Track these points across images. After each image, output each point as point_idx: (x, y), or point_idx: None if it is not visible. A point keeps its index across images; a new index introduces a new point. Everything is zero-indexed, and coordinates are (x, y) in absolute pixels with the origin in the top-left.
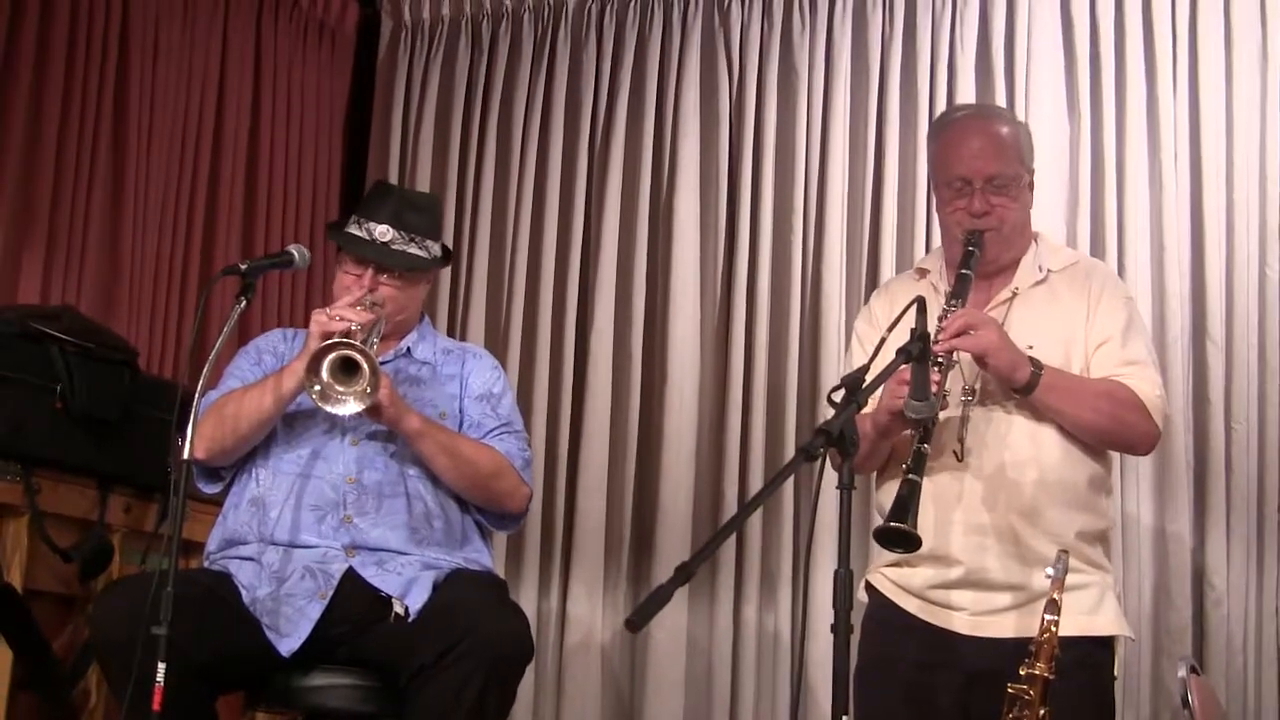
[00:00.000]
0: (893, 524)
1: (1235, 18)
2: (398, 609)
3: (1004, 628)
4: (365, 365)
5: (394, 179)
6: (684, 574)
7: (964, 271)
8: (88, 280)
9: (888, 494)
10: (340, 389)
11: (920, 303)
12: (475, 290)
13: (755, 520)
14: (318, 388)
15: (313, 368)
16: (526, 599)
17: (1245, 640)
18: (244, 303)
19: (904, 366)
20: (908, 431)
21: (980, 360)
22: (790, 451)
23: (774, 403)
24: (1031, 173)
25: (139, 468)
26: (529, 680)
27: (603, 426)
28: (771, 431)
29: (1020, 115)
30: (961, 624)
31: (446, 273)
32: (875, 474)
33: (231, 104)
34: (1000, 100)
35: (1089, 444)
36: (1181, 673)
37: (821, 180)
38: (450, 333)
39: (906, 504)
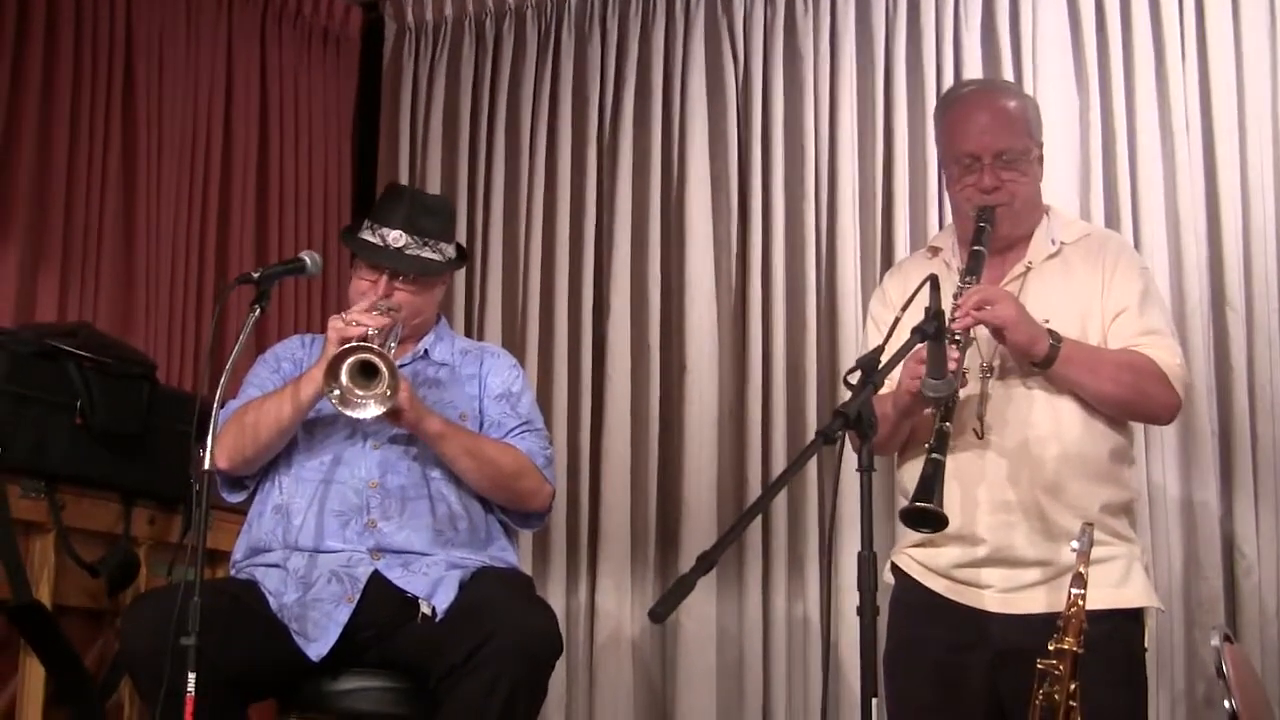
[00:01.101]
0: (919, 504)
1: None
2: (425, 609)
3: (1033, 603)
4: (384, 368)
5: (404, 181)
6: (706, 563)
7: (977, 248)
8: (104, 296)
9: (910, 474)
10: (360, 393)
11: (933, 281)
12: (490, 288)
13: (781, 506)
14: (337, 392)
15: (331, 372)
16: (555, 595)
17: (1278, 607)
18: (258, 311)
19: (920, 346)
20: (928, 411)
21: (999, 335)
22: (812, 435)
23: (794, 387)
24: (1040, 146)
25: (161, 480)
26: (561, 676)
27: (623, 418)
28: (792, 416)
29: (1028, 90)
30: (991, 602)
31: (461, 272)
32: (896, 455)
33: (239, 114)
34: (1008, 76)
35: (1110, 416)
36: (1215, 642)
37: (832, 163)
38: (467, 332)
39: (931, 483)
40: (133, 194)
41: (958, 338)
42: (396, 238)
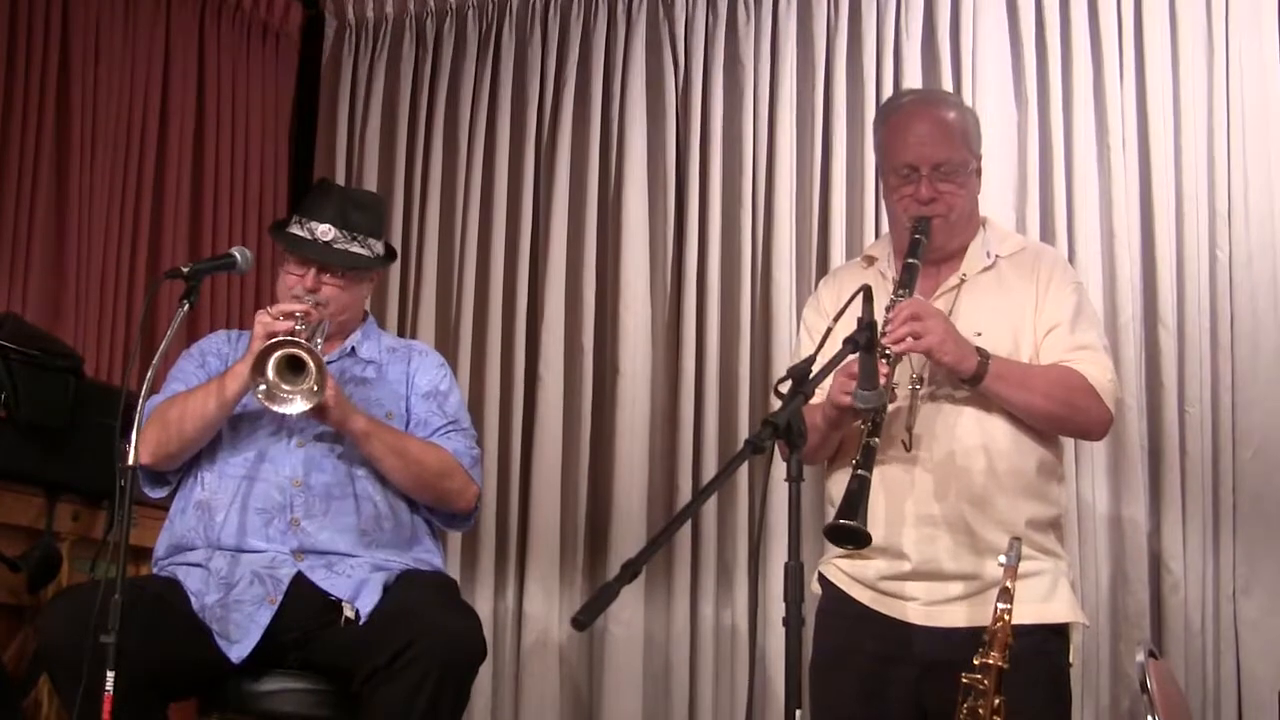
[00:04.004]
0: (842, 521)
1: (1180, 1)
2: (348, 613)
3: (957, 617)
4: (311, 363)
5: (341, 179)
6: (630, 571)
7: (910, 260)
8: (33, 287)
9: (838, 485)
10: (286, 388)
11: (866, 291)
12: (425, 288)
13: (710, 515)
14: (263, 387)
15: (258, 367)
16: (482, 599)
17: (1203, 624)
18: (187, 306)
19: (851, 357)
20: (857, 423)
21: (927, 353)
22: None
23: (727, 394)
24: (979, 159)
25: (86, 475)
26: (487, 680)
27: (555, 422)
28: (725, 424)
29: (967, 102)
30: (915, 614)
31: (396, 270)
32: (825, 464)
33: (175, 107)
34: (947, 87)
35: (1040, 431)
36: (1140, 658)
37: (769, 170)
38: (401, 331)
39: (856, 500)
40: (65, 184)
41: (888, 352)
42: (325, 232)
